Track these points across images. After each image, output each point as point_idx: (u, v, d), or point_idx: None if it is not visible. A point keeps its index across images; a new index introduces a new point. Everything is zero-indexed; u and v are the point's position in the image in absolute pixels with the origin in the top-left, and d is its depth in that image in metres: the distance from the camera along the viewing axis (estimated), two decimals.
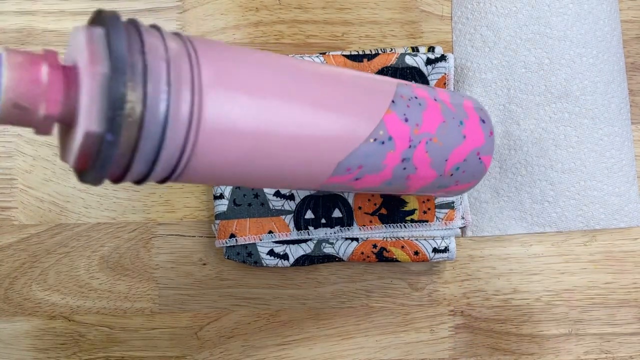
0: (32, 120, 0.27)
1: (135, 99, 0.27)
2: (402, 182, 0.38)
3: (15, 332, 0.50)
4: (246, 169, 0.32)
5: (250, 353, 0.51)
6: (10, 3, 0.52)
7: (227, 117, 0.30)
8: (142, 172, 0.29)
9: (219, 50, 0.31)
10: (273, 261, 0.49)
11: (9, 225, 0.51)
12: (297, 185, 0.36)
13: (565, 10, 0.51)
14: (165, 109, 0.28)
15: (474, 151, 0.40)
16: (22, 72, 0.26)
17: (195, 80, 0.29)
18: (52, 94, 0.27)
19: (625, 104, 0.52)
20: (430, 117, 0.38)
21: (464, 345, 0.51)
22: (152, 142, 0.28)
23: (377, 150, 0.35)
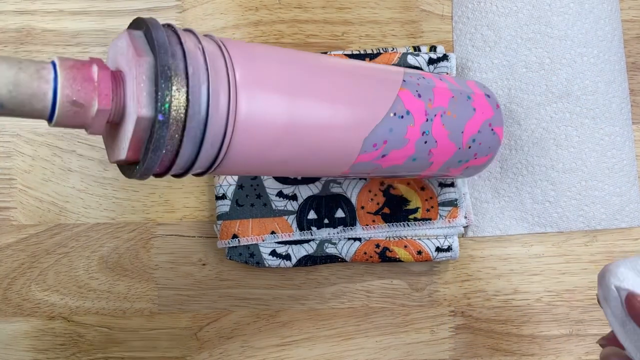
0: (86, 117, 0.29)
1: (180, 82, 0.30)
2: (425, 156, 0.40)
3: (14, 333, 0.50)
4: (278, 158, 0.35)
5: (250, 354, 0.51)
6: (9, 2, 0.52)
7: (259, 112, 0.32)
8: (190, 157, 0.32)
9: (248, 49, 0.34)
10: (275, 262, 0.49)
11: (8, 225, 0.51)
12: (329, 168, 0.39)
13: (566, 10, 0.50)
14: (207, 92, 0.30)
15: (485, 122, 0.42)
16: (76, 72, 0.29)
17: (230, 77, 0.32)
18: (103, 89, 0.29)
19: (626, 103, 0.52)
20: (440, 93, 0.40)
21: (465, 346, 0.51)
22: (198, 123, 0.30)
23: (398, 124, 0.38)
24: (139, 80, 0.29)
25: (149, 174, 0.31)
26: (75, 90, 0.29)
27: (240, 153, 0.33)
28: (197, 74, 0.31)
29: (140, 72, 0.29)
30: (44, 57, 0.51)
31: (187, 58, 0.30)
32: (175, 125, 0.30)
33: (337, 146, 0.36)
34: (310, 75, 0.36)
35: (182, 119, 0.30)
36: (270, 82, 0.33)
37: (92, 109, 0.29)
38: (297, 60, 0.36)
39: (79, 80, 0.29)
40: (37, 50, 0.51)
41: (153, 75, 0.30)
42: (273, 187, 0.49)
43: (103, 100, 0.29)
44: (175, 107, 0.30)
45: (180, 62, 0.30)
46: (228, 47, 0.33)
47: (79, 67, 0.29)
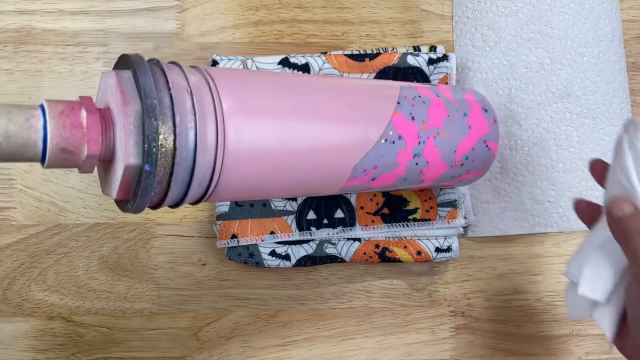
0: (77, 161, 0.30)
1: (167, 130, 0.30)
2: (416, 176, 0.40)
3: (14, 333, 0.50)
4: (270, 183, 0.35)
5: (250, 354, 0.51)
6: (9, 2, 0.52)
7: (248, 140, 0.33)
8: (179, 195, 0.33)
9: (235, 78, 0.34)
10: (275, 262, 0.49)
11: (8, 225, 0.51)
12: (319, 192, 0.39)
13: (566, 10, 0.50)
14: (194, 137, 0.31)
15: (480, 140, 0.42)
16: (65, 119, 0.30)
17: (217, 109, 0.32)
18: (92, 134, 0.30)
19: (627, 103, 0.52)
20: (435, 112, 0.40)
21: (465, 346, 0.51)
22: (185, 168, 0.31)
23: (389, 150, 0.38)
24: (127, 129, 0.30)
25: (141, 211, 0.32)
26: (65, 138, 0.29)
27: (229, 184, 0.34)
28: (184, 121, 0.31)
29: (128, 122, 0.30)
30: (44, 57, 0.51)
31: (175, 105, 0.31)
32: (163, 172, 0.31)
33: (326, 173, 0.37)
34: (300, 101, 0.36)
35: (170, 166, 0.31)
36: (258, 112, 0.34)
37: (82, 155, 0.30)
38: (286, 86, 0.36)
39: (68, 127, 0.30)
40: (37, 50, 0.51)
41: (140, 124, 0.30)
42: None
43: (92, 147, 0.30)
44: (162, 155, 0.30)
45: (167, 110, 0.30)
46: (214, 77, 0.33)
47: (68, 112, 0.30)
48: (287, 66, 0.49)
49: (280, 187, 0.36)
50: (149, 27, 0.52)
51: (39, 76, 0.51)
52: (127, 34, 0.52)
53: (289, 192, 0.38)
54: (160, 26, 0.52)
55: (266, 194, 0.37)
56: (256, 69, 0.49)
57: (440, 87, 0.43)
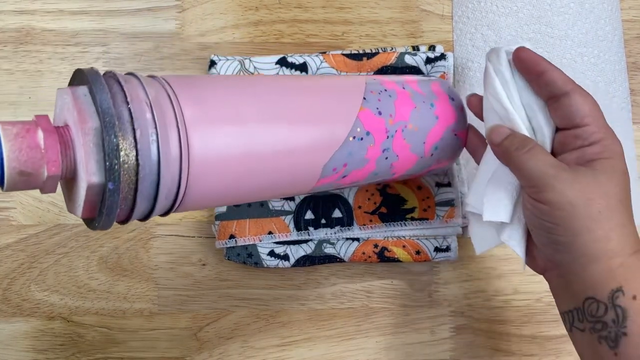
0: (37, 183, 0.29)
1: (128, 146, 0.29)
2: (387, 170, 0.40)
3: (14, 333, 0.50)
4: (239, 189, 0.35)
5: (250, 354, 0.51)
6: (9, 2, 0.52)
7: (213, 148, 0.32)
8: (146, 209, 0.32)
9: (195, 87, 0.34)
10: (273, 262, 0.49)
11: (8, 225, 0.51)
12: (291, 192, 0.39)
13: (566, 10, 0.50)
14: (157, 150, 0.30)
15: (448, 129, 0.42)
16: (21, 142, 0.29)
17: (178, 119, 0.31)
18: (51, 155, 0.29)
19: (627, 103, 0.52)
20: (401, 105, 0.40)
21: (465, 346, 0.51)
22: (150, 182, 0.31)
23: (357, 147, 0.37)
24: (87, 148, 0.29)
25: (109, 227, 0.32)
26: (22, 162, 0.28)
27: (197, 194, 0.33)
28: (145, 134, 0.30)
29: (87, 140, 0.29)
30: (44, 57, 0.51)
31: (134, 119, 0.30)
32: (127, 189, 0.30)
33: (296, 175, 0.36)
34: (263, 105, 0.35)
35: (134, 182, 0.30)
36: (221, 119, 0.33)
37: (42, 176, 0.29)
38: (250, 88, 0.36)
39: (24, 150, 0.29)
40: (37, 50, 0.51)
41: (100, 141, 0.29)
42: None
43: (52, 167, 0.29)
44: (125, 171, 0.29)
45: (127, 125, 0.30)
46: (174, 87, 0.33)
47: (24, 135, 0.29)
48: (285, 66, 0.49)
49: (249, 192, 0.36)
50: (148, 27, 0.52)
51: (39, 76, 0.51)
52: (127, 34, 0.52)
53: (259, 196, 0.38)
54: (160, 26, 0.52)
55: (237, 200, 0.37)
56: (254, 69, 0.49)
57: (407, 78, 0.44)
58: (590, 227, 0.34)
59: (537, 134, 0.38)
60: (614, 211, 0.35)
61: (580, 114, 0.36)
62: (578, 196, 0.35)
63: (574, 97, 0.36)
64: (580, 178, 0.35)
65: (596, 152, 0.36)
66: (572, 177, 0.35)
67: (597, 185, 0.35)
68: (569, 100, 0.36)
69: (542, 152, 0.37)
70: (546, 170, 0.36)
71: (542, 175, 0.36)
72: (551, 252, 0.37)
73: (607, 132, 0.36)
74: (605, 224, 0.34)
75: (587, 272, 0.35)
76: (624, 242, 0.35)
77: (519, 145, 0.37)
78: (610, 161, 0.36)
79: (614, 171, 0.35)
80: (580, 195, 0.35)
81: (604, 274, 0.34)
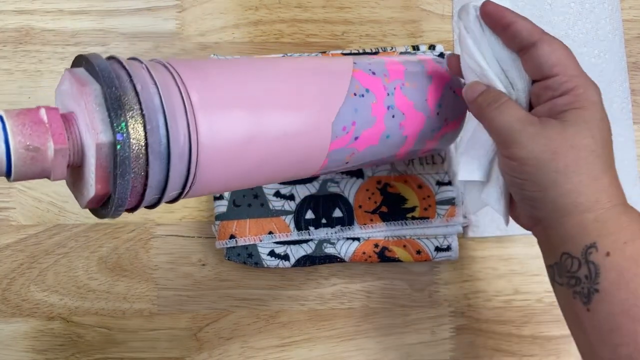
0: (45, 160, 0.29)
1: (131, 100, 0.29)
2: (398, 131, 0.40)
3: (14, 333, 0.50)
4: (253, 162, 0.35)
5: (250, 354, 0.51)
6: (8, 2, 0.52)
7: (221, 132, 0.32)
8: (161, 175, 0.31)
9: (201, 69, 0.34)
10: (274, 262, 0.49)
11: (7, 225, 0.50)
12: (308, 163, 0.38)
13: (566, 10, 0.50)
14: (161, 105, 0.30)
15: (446, 86, 0.42)
16: (23, 117, 0.29)
17: (176, 79, 0.31)
18: (56, 128, 0.29)
19: (627, 103, 0.52)
20: (393, 68, 0.41)
21: (465, 347, 0.51)
22: (158, 138, 0.30)
23: (360, 103, 0.38)
24: (90, 109, 0.29)
25: (123, 205, 0.30)
26: (27, 135, 0.28)
27: (212, 164, 0.33)
28: (146, 89, 0.30)
29: (89, 101, 0.29)
30: (43, 56, 0.51)
31: (133, 77, 0.30)
32: (137, 143, 0.29)
33: (308, 137, 0.36)
34: (265, 78, 0.36)
35: (143, 135, 0.29)
36: (227, 99, 0.33)
37: (49, 151, 0.29)
38: (252, 67, 0.36)
39: (28, 124, 0.28)
40: (37, 50, 0.51)
41: (103, 101, 0.29)
42: (270, 187, 0.49)
43: (58, 139, 0.29)
44: (132, 124, 0.29)
45: (126, 82, 0.30)
46: (177, 68, 0.33)
47: (26, 112, 0.29)
48: None
49: (264, 166, 0.36)
50: (148, 27, 0.52)
51: (38, 76, 0.51)
52: (127, 34, 0.52)
53: (277, 170, 0.37)
54: (160, 26, 0.52)
55: (253, 177, 0.37)
56: None
57: (390, 54, 0.45)
58: (557, 181, 0.34)
59: (514, 88, 0.38)
60: (583, 164, 0.34)
61: (548, 64, 0.35)
62: (544, 150, 0.34)
63: (542, 46, 0.35)
64: (548, 131, 0.34)
65: (566, 103, 0.35)
66: (538, 131, 0.34)
67: (564, 138, 0.34)
68: (536, 50, 0.35)
69: (513, 106, 0.36)
70: (513, 125, 0.35)
71: (510, 130, 0.35)
72: (528, 208, 0.36)
73: (579, 80, 0.35)
74: (574, 177, 0.33)
75: (562, 227, 0.34)
76: (597, 196, 0.33)
77: (491, 100, 0.37)
78: (581, 111, 0.34)
79: (585, 121, 0.34)
80: (545, 150, 0.34)
81: (578, 229, 0.34)
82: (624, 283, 0.32)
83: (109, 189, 0.30)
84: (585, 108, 0.34)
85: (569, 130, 0.34)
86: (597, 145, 0.34)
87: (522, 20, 0.36)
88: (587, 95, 0.35)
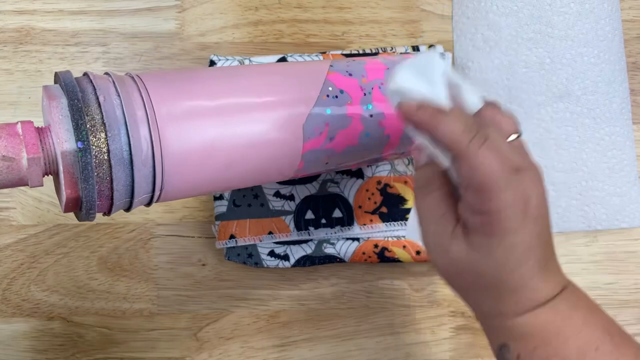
0: (20, 169, 0.32)
1: (94, 110, 0.32)
2: (378, 129, 0.40)
3: (14, 333, 0.50)
4: (223, 163, 0.36)
5: (250, 354, 0.51)
6: (8, 2, 0.52)
7: (186, 139, 0.34)
8: (126, 181, 0.33)
9: (169, 80, 0.36)
10: (274, 262, 0.49)
11: (7, 225, 0.51)
12: (282, 166, 0.38)
13: (566, 10, 0.50)
14: (122, 115, 0.33)
15: None
16: (0, 131, 0.32)
17: (148, 114, 0.33)
18: (30, 139, 0.32)
19: (627, 103, 0.52)
20: (373, 68, 0.41)
21: (465, 347, 0.51)
22: (121, 144, 0.32)
23: (333, 104, 0.38)
24: (57, 120, 0.32)
25: (93, 208, 0.33)
26: (3, 147, 0.31)
27: (179, 169, 0.34)
28: (109, 100, 0.33)
29: (56, 113, 0.32)
30: (44, 57, 0.51)
31: (97, 88, 0.33)
32: (98, 150, 0.32)
33: (278, 140, 0.37)
34: (234, 86, 0.37)
35: (104, 142, 0.32)
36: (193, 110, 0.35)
37: (23, 160, 0.32)
38: (217, 76, 0.38)
39: (4, 137, 0.32)
40: (37, 50, 0.51)
41: (68, 112, 0.32)
42: (270, 188, 0.49)
43: (31, 149, 0.32)
44: (92, 132, 0.32)
45: (91, 95, 0.33)
46: (145, 81, 0.35)
47: (3, 127, 0.32)
48: None
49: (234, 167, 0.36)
50: (148, 27, 0.52)
51: (38, 76, 0.51)
52: (127, 34, 0.52)
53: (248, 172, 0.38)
54: (160, 26, 0.52)
55: (225, 179, 0.37)
56: None
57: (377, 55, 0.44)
58: (468, 296, 0.35)
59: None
60: (491, 286, 0.33)
61: (467, 182, 0.32)
62: (454, 266, 0.33)
63: (461, 163, 0.32)
64: (454, 252, 0.33)
65: (476, 226, 0.32)
66: (452, 248, 0.33)
67: (469, 262, 0.33)
68: (457, 163, 0.32)
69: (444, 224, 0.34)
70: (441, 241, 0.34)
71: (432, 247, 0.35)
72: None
73: (498, 203, 0.31)
74: (489, 292, 0.33)
75: (484, 322, 0.35)
76: (513, 305, 0.33)
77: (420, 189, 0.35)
78: (488, 239, 0.32)
79: (489, 252, 0.32)
80: (454, 268, 0.33)
81: (494, 329, 0.34)
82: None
83: (79, 194, 0.33)
84: (494, 235, 0.32)
85: (472, 255, 0.32)
86: (502, 269, 0.32)
87: (444, 125, 0.32)
88: (502, 220, 0.31)
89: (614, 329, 0.34)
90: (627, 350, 0.33)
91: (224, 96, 0.36)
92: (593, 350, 0.32)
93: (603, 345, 0.32)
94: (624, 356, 0.33)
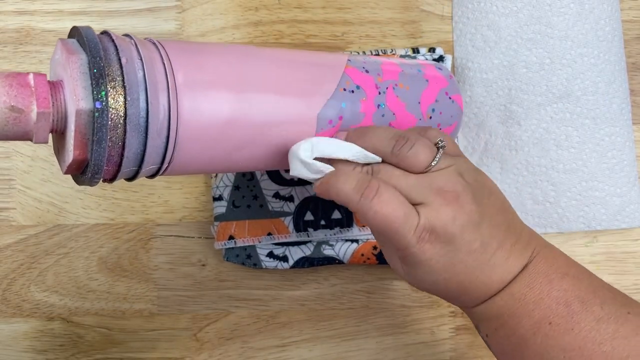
0: (28, 123, 0.30)
1: (115, 71, 0.31)
2: None
3: (14, 334, 0.50)
4: (234, 143, 0.35)
5: (250, 355, 0.51)
6: (8, 2, 0.52)
7: (203, 111, 0.33)
8: (138, 148, 0.32)
9: (190, 50, 0.35)
10: (272, 263, 0.49)
11: (7, 226, 0.51)
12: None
13: (566, 10, 0.50)
14: (143, 79, 0.31)
15: (442, 91, 0.42)
16: (11, 79, 0.30)
17: (160, 51, 0.32)
18: (41, 92, 0.30)
19: (627, 104, 0.52)
20: (388, 68, 0.41)
21: (465, 347, 0.51)
22: (137, 111, 0.31)
23: (349, 98, 0.38)
24: (74, 76, 0.30)
25: (100, 172, 0.31)
26: (13, 96, 0.29)
27: (191, 142, 0.33)
28: (131, 62, 0.31)
29: (74, 69, 0.30)
30: (44, 57, 0.51)
31: (119, 49, 0.31)
32: (116, 113, 0.30)
33: (291, 125, 0.36)
34: (255, 64, 0.36)
35: (122, 105, 0.30)
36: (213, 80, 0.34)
37: (32, 114, 0.30)
38: (239, 51, 0.37)
39: (15, 86, 0.30)
40: (37, 51, 0.51)
41: (87, 70, 0.30)
42: (269, 189, 0.49)
43: (42, 103, 0.30)
44: (112, 94, 0.30)
45: (112, 55, 0.31)
46: (166, 47, 0.34)
47: (15, 75, 0.30)
48: None
49: (245, 149, 0.36)
50: (148, 27, 0.52)
51: None
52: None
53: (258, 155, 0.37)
54: (160, 26, 0.52)
55: (233, 160, 0.37)
56: None
57: (389, 55, 0.44)
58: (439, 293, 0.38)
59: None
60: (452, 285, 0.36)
61: (373, 229, 0.37)
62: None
63: (361, 215, 0.35)
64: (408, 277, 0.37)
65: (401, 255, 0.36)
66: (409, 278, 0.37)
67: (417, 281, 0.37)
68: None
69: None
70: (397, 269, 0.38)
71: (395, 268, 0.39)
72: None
73: (408, 239, 0.34)
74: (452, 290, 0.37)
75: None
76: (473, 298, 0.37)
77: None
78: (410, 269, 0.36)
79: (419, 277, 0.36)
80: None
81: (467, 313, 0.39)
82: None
83: (87, 156, 0.31)
84: (415, 266, 0.36)
85: (413, 278, 0.37)
86: (438, 287, 0.36)
87: (334, 190, 0.35)
88: (413, 255, 0.35)
89: (574, 296, 0.35)
90: (586, 316, 0.34)
91: (243, 74, 0.35)
92: (547, 325, 0.35)
93: (556, 317, 0.35)
94: (580, 322, 0.34)
